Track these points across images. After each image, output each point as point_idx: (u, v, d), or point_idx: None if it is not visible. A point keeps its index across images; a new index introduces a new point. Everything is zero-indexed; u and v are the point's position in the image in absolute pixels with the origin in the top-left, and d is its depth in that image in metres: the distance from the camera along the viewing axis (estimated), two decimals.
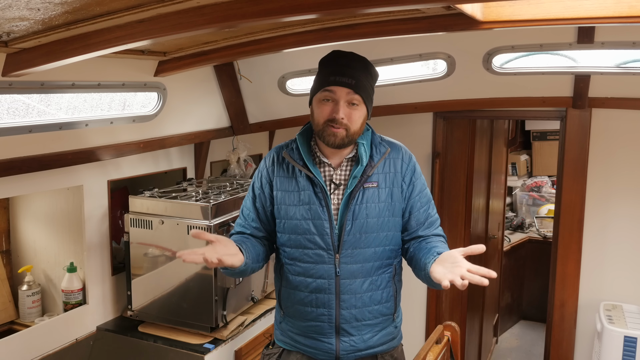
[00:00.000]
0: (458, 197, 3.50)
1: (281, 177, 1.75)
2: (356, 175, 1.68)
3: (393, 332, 1.81)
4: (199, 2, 1.32)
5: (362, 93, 1.64)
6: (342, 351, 1.73)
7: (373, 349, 1.76)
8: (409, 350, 2.17)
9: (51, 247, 2.36)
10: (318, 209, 1.68)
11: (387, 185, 1.72)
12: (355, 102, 1.64)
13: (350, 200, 1.68)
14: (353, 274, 1.70)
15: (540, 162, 5.76)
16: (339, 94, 1.63)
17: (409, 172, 1.76)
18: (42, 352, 2.13)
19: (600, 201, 2.93)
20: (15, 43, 1.52)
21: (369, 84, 1.68)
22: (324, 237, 1.69)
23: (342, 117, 1.62)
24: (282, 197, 1.74)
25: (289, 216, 1.72)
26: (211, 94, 2.73)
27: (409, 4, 1.45)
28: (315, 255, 1.69)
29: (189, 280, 2.26)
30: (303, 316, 1.74)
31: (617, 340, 2.65)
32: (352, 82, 1.62)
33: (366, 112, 1.70)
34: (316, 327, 1.73)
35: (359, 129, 1.68)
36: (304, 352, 1.78)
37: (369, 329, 1.75)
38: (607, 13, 1.63)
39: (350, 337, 1.72)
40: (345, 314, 1.71)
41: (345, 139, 1.65)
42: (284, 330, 1.83)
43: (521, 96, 2.85)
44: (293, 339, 1.80)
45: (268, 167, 1.79)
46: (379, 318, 1.75)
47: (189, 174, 2.87)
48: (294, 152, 1.74)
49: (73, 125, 2.02)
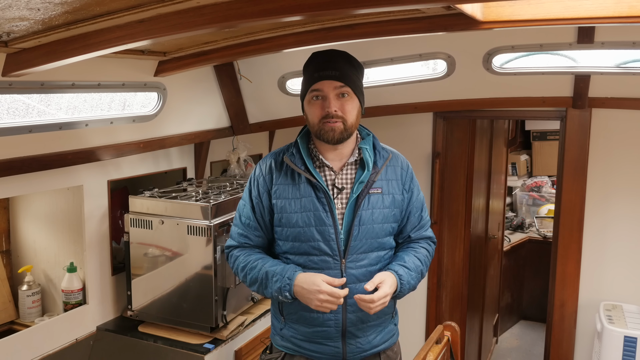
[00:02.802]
0: (458, 197, 3.50)
1: (281, 185, 1.72)
2: (363, 181, 1.68)
3: (393, 330, 1.85)
4: (199, 2, 1.32)
5: (349, 83, 1.64)
6: (349, 353, 1.74)
7: (377, 348, 1.78)
8: (409, 350, 2.17)
9: (51, 247, 2.36)
10: (322, 215, 1.67)
11: (389, 191, 1.74)
12: (344, 93, 1.64)
13: (357, 206, 1.68)
14: (359, 278, 1.70)
15: (540, 162, 5.76)
16: (326, 89, 1.63)
17: (408, 179, 1.80)
18: (42, 352, 2.13)
19: (600, 201, 2.93)
20: (15, 43, 1.52)
21: (355, 75, 1.68)
22: (330, 243, 1.67)
23: (334, 109, 1.62)
24: (282, 205, 1.71)
25: (292, 224, 1.70)
26: (211, 94, 2.73)
27: (408, 4, 1.45)
28: (320, 262, 1.68)
29: (189, 280, 2.26)
30: (308, 322, 1.73)
31: (617, 340, 2.65)
32: (336, 74, 1.62)
33: (359, 105, 1.69)
34: (323, 332, 1.72)
35: (355, 121, 1.68)
36: (308, 356, 1.77)
37: (373, 330, 1.76)
38: (607, 13, 1.63)
39: (357, 339, 1.74)
40: (352, 317, 1.71)
41: (344, 132, 1.65)
42: (285, 336, 1.80)
43: (521, 96, 2.85)
44: (296, 345, 1.78)
45: (265, 174, 1.75)
46: (381, 318, 1.77)
47: (189, 174, 2.87)
48: (294, 157, 1.71)
49: (73, 125, 2.02)
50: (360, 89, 1.70)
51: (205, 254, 2.21)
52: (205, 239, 2.19)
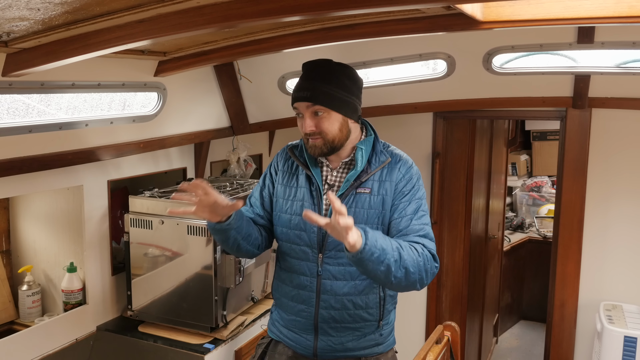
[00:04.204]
0: (458, 197, 3.50)
1: (284, 172, 1.83)
2: (349, 179, 1.70)
3: (377, 339, 1.79)
4: (199, 2, 1.32)
5: (322, 102, 1.64)
6: (320, 349, 1.76)
7: (352, 352, 1.76)
8: (409, 350, 2.17)
9: (51, 247, 2.36)
10: (310, 207, 1.72)
11: (379, 192, 1.70)
12: (317, 111, 1.65)
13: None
14: (334, 275, 1.71)
15: (540, 162, 5.76)
16: (301, 109, 1.68)
17: (402, 181, 1.71)
18: (42, 352, 2.13)
19: (600, 201, 2.93)
20: (15, 43, 1.52)
21: (333, 90, 1.64)
22: (310, 235, 1.72)
23: (308, 130, 1.66)
24: (281, 190, 1.81)
25: (284, 210, 1.78)
26: (211, 94, 2.73)
27: (409, 4, 1.45)
28: (301, 252, 1.74)
29: (189, 280, 2.26)
30: (287, 309, 1.80)
31: (617, 340, 2.65)
32: (307, 95, 1.65)
33: (341, 117, 1.67)
34: (297, 322, 1.78)
35: (338, 134, 1.67)
36: (287, 344, 1.82)
37: (349, 332, 1.74)
38: (607, 13, 1.63)
39: (329, 337, 1.75)
40: (324, 313, 1.72)
41: (324, 147, 1.67)
42: (273, 319, 1.89)
43: (521, 96, 2.85)
44: (279, 330, 1.85)
45: (279, 160, 1.87)
46: (360, 323, 1.74)
47: (189, 174, 2.87)
48: (297, 150, 1.82)
49: (73, 125, 2.02)
50: (339, 100, 1.65)
51: (205, 254, 2.21)
52: (205, 239, 2.20)
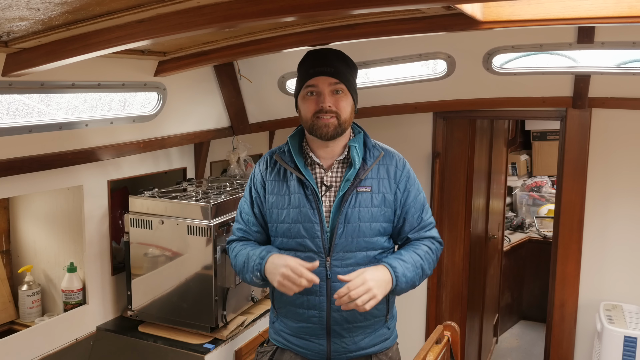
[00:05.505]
0: (458, 197, 3.50)
1: (273, 181, 1.76)
2: (349, 178, 1.68)
3: (386, 334, 1.81)
4: (199, 2, 1.32)
5: (344, 81, 1.65)
6: (334, 352, 1.74)
7: (365, 350, 1.77)
8: (409, 350, 2.17)
9: (51, 247, 2.36)
10: (309, 212, 1.68)
11: (380, 190, 1.72)
12: (339, 90, 1.65)
13: (342, 203, 1.68)
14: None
15: (540, 162, 5.76)
16: (321, 86, 1.64)
17: (403, 179, 1.75)
18: (42, 352, 2.13)
19: (601, 201, 2.93)
20: (15, 43, 1.52)
21: (349, 73, 1.69)
22: (315, 240, 1.69)
23: (329, 105, 1.63)
24: (273, 200, 1.75)
25: (280, 220, 1.73)
26: (211, 94, 2.73)
27: (408, 4, 1.45)
28: (306, 258, 1.68)
29: (189, 280, 2.26)
30: (295, 317, 1.75)
31: (617, 340, 2.65)
32: (331, 70, 1.63)
33: (353, 103, 1.70)
34: (308, 329, 1.74)
35: (349, 117, 1.69)
36: (296, 351, 1.79)
37: (361, 331, 1.75)
38: (607, 13, 1.63)
39: (342, 339, 1.73)
40: (336, 316, 1.71)
41: (337, 128, 1.66)
42: (277, 329, 1.84)
43: (521, 96, 2.85)
44: (286, 339, 1.81)
45: (262, 170, 1.80)
46: (370, 320, 1.75)
47: (189, 174, 2.87)
48: (285, 155, 1.75)
49: (73, 125, 2.02)
50: (354, 87, 1.71)
51: (205, 254, 2.21)
52: (205, 239, 2.20)
